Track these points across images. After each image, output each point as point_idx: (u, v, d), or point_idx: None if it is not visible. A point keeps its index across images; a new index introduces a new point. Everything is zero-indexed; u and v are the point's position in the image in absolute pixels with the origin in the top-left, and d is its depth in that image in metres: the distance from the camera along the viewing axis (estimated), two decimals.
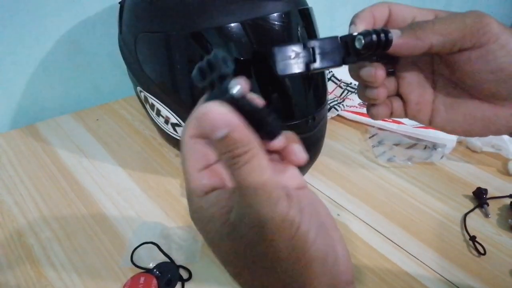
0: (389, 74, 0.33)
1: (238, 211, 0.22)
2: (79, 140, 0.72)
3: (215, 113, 0.20)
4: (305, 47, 0.29)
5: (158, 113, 0.63)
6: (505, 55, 0.28)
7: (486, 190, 0.62)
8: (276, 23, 0.54)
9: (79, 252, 0.52)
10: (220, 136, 0.20)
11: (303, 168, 0.64)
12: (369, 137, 0.76)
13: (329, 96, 0.83)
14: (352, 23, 0.31)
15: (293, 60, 0.29)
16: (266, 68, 0.57)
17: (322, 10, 1.16)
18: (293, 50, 0.29)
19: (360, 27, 0.30)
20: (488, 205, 0.60)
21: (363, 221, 0.58)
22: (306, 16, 0.58)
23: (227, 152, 0.20)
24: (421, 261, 0.52)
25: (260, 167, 0.20)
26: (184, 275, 0.49)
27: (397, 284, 0.49)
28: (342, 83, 0.87)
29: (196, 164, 0.23)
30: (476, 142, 0.72)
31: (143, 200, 0.60)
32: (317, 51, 0.30)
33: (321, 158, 0.66)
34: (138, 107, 0.78)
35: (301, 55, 0.29)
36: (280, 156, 0.25)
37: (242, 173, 0.20)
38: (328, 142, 0.72)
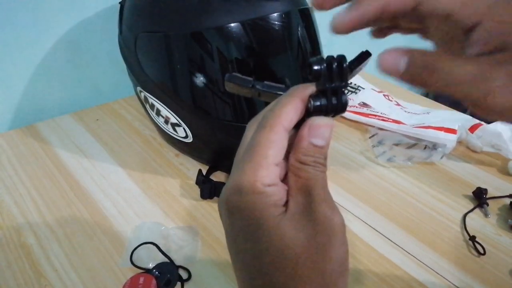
0: None
1: (299, 207, 0.24)
2: (79, 140, 0.72)
3: (330, 127, 0.24)
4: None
5: (158, 113, 0.63)
6: None
7: (486, 190, 0.62)
8: (276, 23, 0.54)
9: (78, 252, 0.52)
10: (321, 144, 0.24)
11: None
12: (369, 137, 0.76)
13: None
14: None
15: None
16: (266, 68, 0.57)
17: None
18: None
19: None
20: (488, 205, 0.60)
21: (363, 221, 0.58)
22: (306, 16, 0.58)
23: (313, 156, 0.24)
24: (420, 261, 0.52)
25: (326, 180, 0.25)
26: (184, 275, 0.49)
27: (397, 284, 0.49)
28: None
29: (277, 154, 0.23)
30: (476, 142, 0.72)
31: (142, 200, 0.60)
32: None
33: None
34: (138, 107, 0.78)
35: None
36: None
37: (316, 177, 0.24)
38: None
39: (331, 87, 0.24)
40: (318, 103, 0.24)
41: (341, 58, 0.24)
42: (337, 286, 0.24)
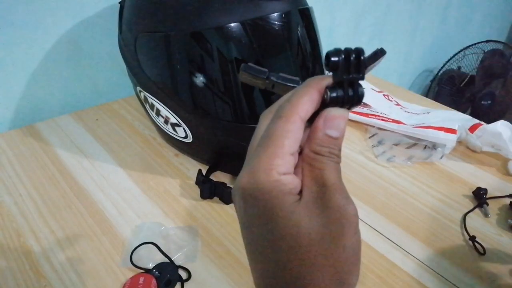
0: None
1: (314, 196, 0.24)
2: (78, 140, 0.72)
3: (345, 119, 0.24)
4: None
5: (158, 113, 0.63)
6: None
7: (486, 190, 0.62)
8: (276, 23, 0.54)
9: (78, 252, 0.52)
10: (336, 136, 0.24)
11: None
12: (369, 137, 0.76)
13: None
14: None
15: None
16: (266, 68, 0.57)
17: (322, 10, 1.16)
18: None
19: None
20: (488, 205, 0.60)
21: (363, 221, 0.58)
22: (306, 16, 0.58)
23: (328, 147, 0.24)
24: (420, 261, 0.52)
25: (340, 171, 0.25)
26: (184, 275, 0.49)
27: (397, 284, 0.49)
28: None
29: (293, 144, 0.24)
30: (476, 142, 0.72)
31: (142, 200, 0.60)
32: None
33: None
34: (138, 107, 0.78)
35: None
36: None
37: (331, 167, 0.24)
38: None
39: (348, 79, 0.24)
40: (334, 94, 0.24)
41: (360, 50, 0.24)
42: (350, 274, 0.24)
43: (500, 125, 0.69)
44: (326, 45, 0.65)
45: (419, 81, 1.78)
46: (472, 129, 0.72)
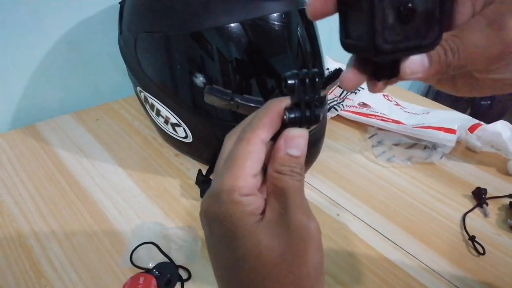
0: None
1: (276, 215, 0.24)
2: (79, 140, 0.72)
3: (305, 138, 0.25)
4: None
5: (158, 113, 0.63)
6: None
7: (485, 190, 0.62)
8: (276, 23, 0.54)
9: (78, 252, 0.52)
10: (296, 154, 0.25)
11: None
12: (369, 137, 0.76)
13: (329, 96, 0.83)
14: None
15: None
16: (266, 68, 0.57)
17: None
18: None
19: None
20: (487, 205, 0.60)
21: (362, 221, 0.58)
22: (306, 16, 0.58)
23: (290, 166, 0.25)
24: (420, 261, 0.52)
25: (302, 189, 0.25)
26: (184, 275, 0.49)
27: (397, 284, 0.49)
28: None
29: (254, 165, 0.25)
30: (476, 142, 0.72)
31: (142, 200, 0.60)
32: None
33: (321, 158, 0.66)
34: (138, 107, 0.78)
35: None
36: None
37: (293, 186, 0.24)
38: (328, 142, 0.72)
39: (305, 100, 0.25)
40: (293, 115, 0.25)
41: (314, 73, 0.25)
42: None
43: (500, 125, 0.69)
44: (326, 45, 0.65)
45: (418, 81, 1.78)
46: (472, 129, 0.72)
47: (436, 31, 0.22)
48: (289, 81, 0.25)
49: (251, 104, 0.35)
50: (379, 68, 0.24)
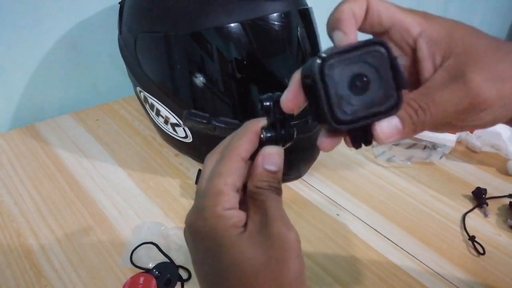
0: None
1: (257, 227, 0.26)
2: (78, 140, 0.72)
3: (280, 155, 0.28)
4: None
5: (158, 113, 0.63)
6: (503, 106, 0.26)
7: (485, 190, 0.62)
8: (275, 23, 0.54)
9: (78, 252, 0.52)
10: (274, 170, 0.27)
11: (303, 168, 0.64)
12: None
13: None
14: (335, 28, 0.27)
15: None
16: (265, 68, 0.57)
17: (322, 10, 1.16)
18: None
19: (350, 36, 0.27)
20: (487, 205, 0.60)
21: (362, 221, 0.58)
22: (306, 16, 0.58)
23: (268, 181, 0.27)
24: (420, 261, 0.52)
25: (281, 201, 0.27)
26: (184, 275, 0.49)
27: (397, 284, 0.49)
28: None
29: (236, 181, 0.26)
30: (476, 142, 0.72)
31: (142, 200, 0.60)
32: None
33: (321, 158, 0.66)
34: (138, 107, 0.78)
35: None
36: None
37: (271, 199, 0.26)
38: None
39: (280, 120, 0.28)
40: (269, 134, 0.28)
41: None
42: None
43: (500, 125, 0.69)
44: (326, 45, 0.65)
45: None
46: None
47: (394, 96, 0.24)
48: (265, 103, 0.28)
49: (228, 126, 0.37)
50: (350, 136, 0.26)
